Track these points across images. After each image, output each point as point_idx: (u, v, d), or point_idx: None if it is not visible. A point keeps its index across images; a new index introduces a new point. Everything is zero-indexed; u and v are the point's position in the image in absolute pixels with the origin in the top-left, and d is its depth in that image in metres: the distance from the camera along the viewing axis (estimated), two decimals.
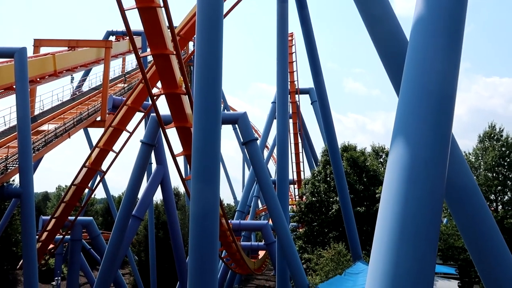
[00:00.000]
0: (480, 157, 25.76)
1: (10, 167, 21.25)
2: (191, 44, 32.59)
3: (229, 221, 24.33)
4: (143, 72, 14.90)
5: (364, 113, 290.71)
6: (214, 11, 9.66)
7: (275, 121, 26.01)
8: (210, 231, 9.38)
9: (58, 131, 24.66)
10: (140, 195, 23.64)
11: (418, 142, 4.03)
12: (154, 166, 25.67)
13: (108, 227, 52.47)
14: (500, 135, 25.80)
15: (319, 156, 37.26)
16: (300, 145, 41.91)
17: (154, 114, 17.92)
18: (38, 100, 28.59)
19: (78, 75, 35.12)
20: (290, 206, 30.72)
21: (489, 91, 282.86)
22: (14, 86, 21.34)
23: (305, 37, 23.34)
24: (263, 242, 32.84)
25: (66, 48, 29.27)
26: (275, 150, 28.47)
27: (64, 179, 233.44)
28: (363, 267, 19.13)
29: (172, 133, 16.49)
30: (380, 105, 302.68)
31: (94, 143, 24.57)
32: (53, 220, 25.11)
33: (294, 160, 40.92)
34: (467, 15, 4.62)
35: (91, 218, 30.83)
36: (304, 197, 33.07)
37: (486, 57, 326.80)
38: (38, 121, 26.34)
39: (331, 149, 25.00)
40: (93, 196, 51.64)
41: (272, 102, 34.87)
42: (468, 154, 25.93)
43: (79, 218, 27.69)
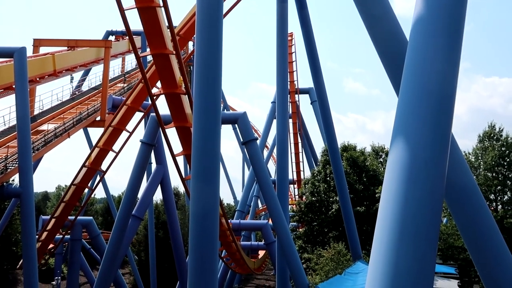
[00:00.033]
0: (479, 157, 25.77)
1: (10, 167, 21.24)
2: (190, 44, 32.59)
3: (229, 220, 24.34)
4: (142, 72, 14.90)
5: (364, 113, 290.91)
6: (214, 11, 9.67)
7: (275, 121, 25.96)
8: (210, 230, 9.39)
9: (57, 131, 24.64)
10: (140, 195, 23.66)
11: (418, 142, 4.03)
12: (154, 166, 25.68)
13: (108, 226, 52.45)
14: (499, 135, 25.82)
15: (319, 156, 37.25)
16: (300, 145, 41.92)
17: (154, 114, 17.91)
18: (37, 100, 28.56)
19: (77, 75, 35.14)
20: (290, 206, 30.73)
21: (488, 91, 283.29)
22: (14, 86, 21.30)
23: (305, 37, 23.36)
24: (263, 242, 32.86)
25: (65, 48, 29.23)
26: (275, 150, 28.45)
27: (64, 179, 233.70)
28: (363, 266, 19.13)
29: (172, 133, 16.47)
30: (380, 105, 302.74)
31: (93, 143, 24.55)
32: (53, 220, 25.13)
33: (294, 160, 40.93)
34: (467, 14, 4.62)
35: (91, 218, 30.80)
36: (304, 197, 33.07)
37: (486, 57, 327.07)
38: (38, 120, 26.32)
39: (331, 149, 25.02)
40: (93, 195, 51.68)
41: (272, 102, 34.81)
42: (468, 154, 25.94)
43: (79, 217, 27.69)
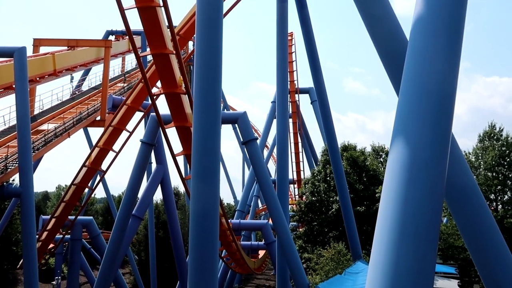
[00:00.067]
0: (480, 157, 25.76)
1: (10, 167, 21.24)
2: (190, 43, 32.58)
3: (229, 220, 24.34)
4: (142, 72, 14.89)
5: (364, 112, 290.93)
6: (214, 11, 9.66)
7: (275, 121, 25.97)
8: (210, 230, 9.38)
9: (58, 130, 24.63)
10: (140, 194, 23.67)
11: (418, 142, 4.03)
12: (154, 165, 25.68)
13: (108, 226, 52.48)
14: (500, 135, 25.80)
15: (319, 155, 37.25)
16: (300, 144, 41.89)
17: (154, 114, 17.91)
18: (37, 99, 28.52)
19: (77, 75, 35.09)
20: (290, 206, 30.72)
21: (488, 90, 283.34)
22: (14, 86, 21.30)
23: (305, 37, 23.35)
24: (263, 242, 32.86)
25: (65, 48, 29.21)
26: (275, 150, 28.43)
27: (64, 179, 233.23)
28: (363, 266, 19.14)
29: (172, 132, 16.47)
30: (379, 104, 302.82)
31: (94, 143, 24.56)
32: (53, 220, 25.13)
33: (294, 160, 40.88)
34: (467, 14, 4.62)
35: (91, 217, 30.82)
36: (304, 197, 33.07)
37: (486, 56, 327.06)
38: (38, 120, 26.30)
39: (331, 149, 25.01)
40: (93, 195, 51.64)
41: (272, 102, 34.81)
42: (468, 154, 25.93)
43: (79, 217, 27.69)
